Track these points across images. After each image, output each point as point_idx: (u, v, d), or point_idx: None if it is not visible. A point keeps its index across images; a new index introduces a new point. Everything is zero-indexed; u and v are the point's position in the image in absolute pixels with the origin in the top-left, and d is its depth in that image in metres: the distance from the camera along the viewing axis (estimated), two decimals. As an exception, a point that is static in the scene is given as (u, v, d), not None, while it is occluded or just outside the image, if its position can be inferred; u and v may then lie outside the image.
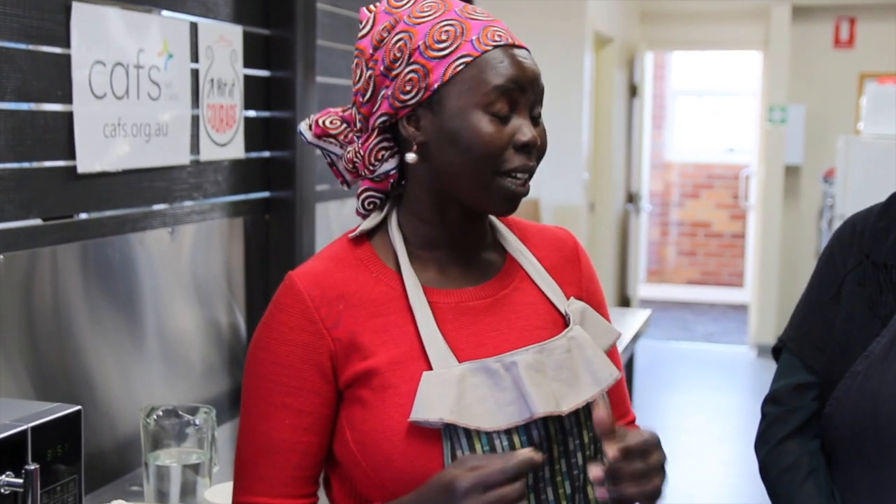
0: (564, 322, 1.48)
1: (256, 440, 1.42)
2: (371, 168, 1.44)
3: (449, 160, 1.39)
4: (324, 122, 1.49)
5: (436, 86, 1.38)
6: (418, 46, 1.38)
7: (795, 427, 1.72)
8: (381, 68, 1.40)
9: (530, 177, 1.41)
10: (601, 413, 1.30)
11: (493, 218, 1.53)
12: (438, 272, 1.46)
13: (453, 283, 1.46)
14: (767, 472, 1.75)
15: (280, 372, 1.40)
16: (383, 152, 1.44)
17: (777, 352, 1.81)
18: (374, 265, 1.45)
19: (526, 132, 1.38)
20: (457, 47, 1.38)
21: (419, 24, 1.40)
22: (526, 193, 1.40)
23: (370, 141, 1.43)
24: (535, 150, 1.40)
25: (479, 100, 1.37)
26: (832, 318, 1.70)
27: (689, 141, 11.73)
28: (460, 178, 1.39)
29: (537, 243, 1.56)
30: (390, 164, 1.44)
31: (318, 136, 1.49)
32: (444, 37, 1.38)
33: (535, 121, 1.41)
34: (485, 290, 1.47)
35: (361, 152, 1.44)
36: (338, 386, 1.40)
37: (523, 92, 1.38)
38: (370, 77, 1.42)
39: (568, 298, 1.51)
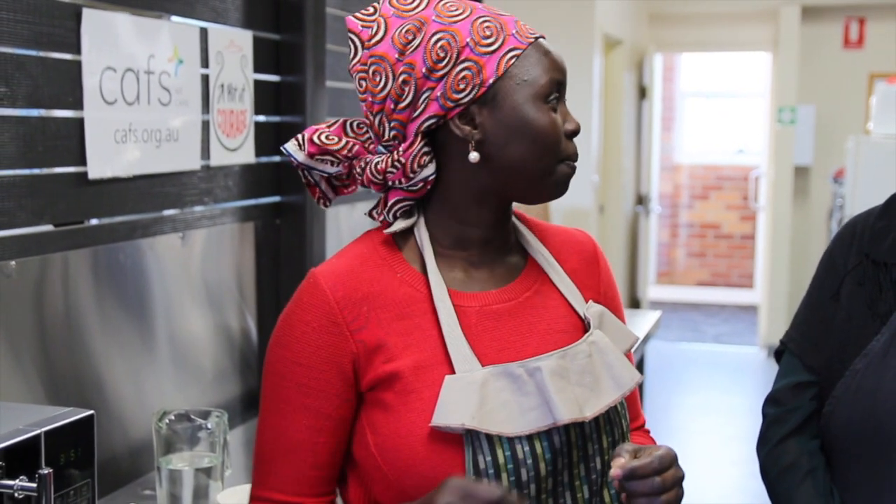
0: (583, 326, 1.48)
1: (273, 438, 1.41)
2: (410, 176, 1.40)
3: (514, 153, 1.39)
4: (320, 139, 1.44)
5: (491, 81, 1.38)
6: (467, 44, 1.38)
7: (794, 427, 1.72)
8: (423, 70, 1.37)
9: None
10: (621, 462, 1.31)
11: (514, 219, 1.53)
12: (464, 273, 1.45)
13: (477, 286, 1.45)
14: (767, 473, 1.76)
15: (300, 372, 1.39)
16: (425, 157, 1.40)
17: (779, 354, 1.81)
18: (399, 266, 1.44)
19: (572, 120, 1.44)
20: (503, 41, 1.39)
21: (457, 22, 1.39)
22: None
23: (413, 147, 1.39)
24: None
25: (538, 91, 1.39)
26: (832, 317, 1.70)
27: (699, 142, 11.72)
28: (524, 170, 1.40)
29: (557, 245, 1.56)
30: (430, 170, 1.41)
31: (312, 155, 1.45)
32: (488, 32, 1.39)
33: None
34: (507, 292, 1.46)
35: (402, 160, 1.39)
36: (359, 388, 1.40)
37: (564, 83, 1.45)
38: (405, 82, 1.38)
39: (587, 302, 1.51)
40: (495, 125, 1.39)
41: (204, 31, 2.65)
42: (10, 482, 1.45)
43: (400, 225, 1.45)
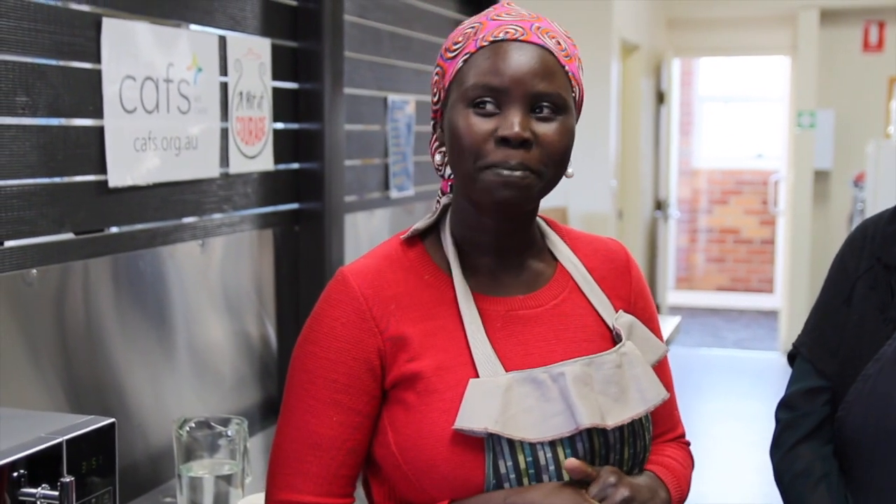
0: (611, 335, 1.47)
1: (301, 436, 1.40)
2: (438, 169, 1.49)
3: (451, 158, 1.42)
4: None
5: (447, 85, 1.41)
6: (442, 49, 1.43)
7: (807, 432, 1.72)
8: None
9: (526, 172, 1.35)
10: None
11: (543, 225, 1.53)
12: (490, 278, 1.46)
13: (504, 291, 1.45)
14: (780, 478, 1.77)
15: (330, 367, 1.39)
16: (439, 155, 1.48)
17: (792, 358, 1.80)
18: (425, 268, 1.45)
19: (507, 127, 1.34)
20: (464, 46, 1.40)
21: (455, 29, 1.45)
22: (516, 188, 1.35)
23: (433, 142, 1.48)
24: (529, 146, 1.35)
25: (462, 95, 1.38)
26: (843, 322, 1.69)
27: (717, 147, 11.68)
28: (458, 175, 1.41)
29: (588, 253, 1.55)
30: (438, 158, 1.49)
31: None
32: (460, 39, 1.41)
33: (547, 119, 1.37)
34: (535, 299, 1.46)
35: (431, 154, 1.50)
36: (384, 385, 1.40)
37: (506, 89, 1.35)
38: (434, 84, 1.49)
39: (616, 311, 1.50)
40: (445, 129, 1.42)
41: (222, 39, 2.66)
42: (33, 490, 1.46)
43: (421, 225, 1.48)
